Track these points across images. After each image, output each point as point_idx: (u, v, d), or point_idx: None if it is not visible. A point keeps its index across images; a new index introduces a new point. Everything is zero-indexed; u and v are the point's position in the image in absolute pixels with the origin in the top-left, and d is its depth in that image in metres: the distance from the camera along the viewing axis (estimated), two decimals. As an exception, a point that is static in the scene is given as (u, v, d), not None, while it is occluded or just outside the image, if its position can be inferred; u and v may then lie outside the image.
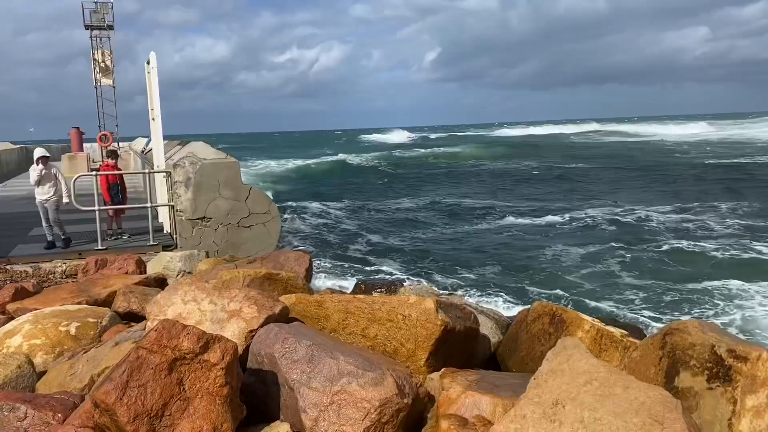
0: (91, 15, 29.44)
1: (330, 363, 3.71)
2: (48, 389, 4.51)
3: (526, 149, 68.99)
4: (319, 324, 4.82)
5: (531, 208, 27.32)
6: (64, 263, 9.53)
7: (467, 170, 47.95)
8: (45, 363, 5.20)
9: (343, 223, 25.51)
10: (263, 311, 4.54)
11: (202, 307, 4.69)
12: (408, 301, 4.56)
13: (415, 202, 30.73)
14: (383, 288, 7.50)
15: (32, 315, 5.94)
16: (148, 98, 11.71)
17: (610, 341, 4.55)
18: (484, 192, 34.18)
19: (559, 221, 23.75)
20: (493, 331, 5.52)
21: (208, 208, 10.48)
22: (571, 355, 3.35)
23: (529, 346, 5.02)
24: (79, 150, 28.95)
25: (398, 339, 4.44)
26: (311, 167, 53.65)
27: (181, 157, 10.83)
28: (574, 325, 4.77)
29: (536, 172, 44.42)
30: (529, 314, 5.21)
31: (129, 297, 6.45)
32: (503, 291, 14.81)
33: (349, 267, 16.96)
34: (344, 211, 29.36)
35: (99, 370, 4.41)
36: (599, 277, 15.61)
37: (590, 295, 14.04)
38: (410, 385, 3.67)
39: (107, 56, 30.21)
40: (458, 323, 4.59)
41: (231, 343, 3.54)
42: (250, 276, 6.01)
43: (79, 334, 5.60)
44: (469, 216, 26.21)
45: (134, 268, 8.27)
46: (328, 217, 26.58)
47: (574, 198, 30.12)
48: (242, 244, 10.74)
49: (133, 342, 4.63)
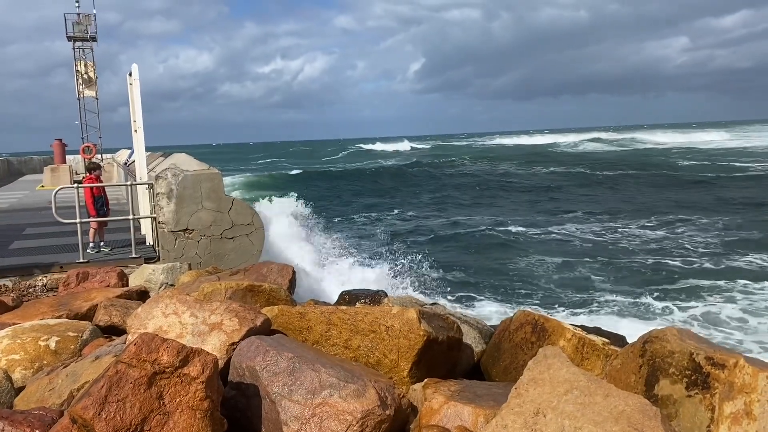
0: (73, 26, 29.31)
1: (312, 375, 3.69)
2: (26, 405, 4.44)
3: (536, 157, 68.62)
4: (301, 336, 4.80)
5: (545, 218, 27.14)
6: (45, 277, 9.42)
7: (464, 180, 47.70)
8: (24, 378, 5.12)
9: (339, 230, 25.53)
10: (244, 324, 4.51)
11: (183, 320, 4.65)
12: (391, 312, 4.55)
13: (428, 213, 30.51)
14: (367, 298, 7.48)
15: (11, 330, 5.86)
16: (131, 110, 11.65)
17: (592, 349, 4.58)
18: (490, 204, 34.02)
19: (565, 231, 23.65)
20: (477, 341, 5.53)
21: (191, 219, 10.42)
22: (551, 363, 3.36)
23: (512, 355, 5.03)
24: (62, 162, 28.72)
25: (381, 350, 4.43)
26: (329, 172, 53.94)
27: (164, 168, 10.78)
28: (556, 333, 4.79)
29: (555, 182, 43.31)
30: (512, 323, 5.22)
31: (110, 310, 6.39)
32: (489, 299, 14.87)
33: (338, 276, 16.94)
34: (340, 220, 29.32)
35: (78, 384, 4.36)
36: (583, 286, 15.73)
37: (577, 304, 14.13)
38: (393, 396, 3.67)
39: (90, 68, 30.06)
40: (441, 333, 4.60)
41: (211, 356, 3.51)
42: (232, 288, 5.98)
43: (59, 348, 5.53)
44: (462, 224, 26.27)
45: (116, 281, 8.19)
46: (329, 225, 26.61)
47: (597, 208, 29.77)
48: (225, 255, 10.69)
49: (113, 356, 4.58)
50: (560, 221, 25.75)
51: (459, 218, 28.24)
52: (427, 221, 27.96)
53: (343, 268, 16.95)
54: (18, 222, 15.32)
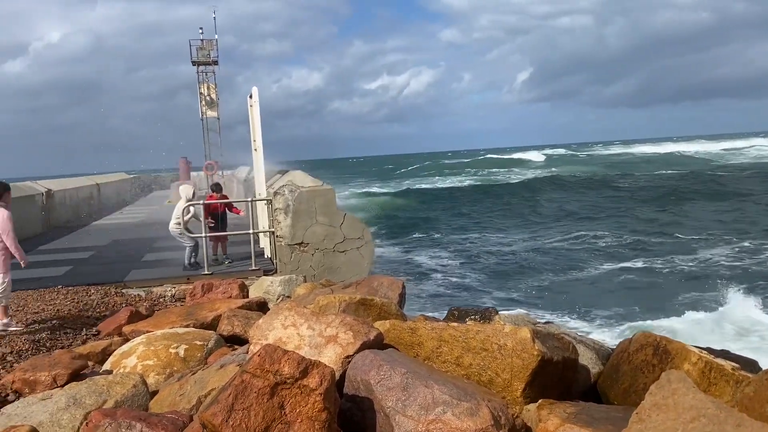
0: (197, 51, 31.29)
1: (425, 392, 3.73)
2: (159, 408, 4.79)
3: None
4: (412, 351, 4.85)
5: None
6: (173, 287, 10.12)
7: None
8: (157, 383, 5.53)
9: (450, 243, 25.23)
10: (359, 337, 4.63)
11: (301, 332, 4.85)
12: (503, 330, 4.51)
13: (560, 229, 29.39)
14: (477, 315, 7.42)
15: (145, 337, 6.35)
16: (251, 130, 12.29)
17: (720, 375, 4.30)
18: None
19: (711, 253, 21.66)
20: (593, 362, 5.35)
21: (306, 233, 10.83)
22: (676, 389, 3.20)
23: (632, 377, 4.82)
24: (187, 179, 30.68)
25: (493, 369, 4.40)
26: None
27: (281, 185, 11.28)
28: (679, 356, 4.55)
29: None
30: (631, 344, 5.01)
31: (233, 320, 6.77)
32: (605, 320, 14.25)
33: (443, 292, 16.89)
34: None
35: (206, 391, 4.65)
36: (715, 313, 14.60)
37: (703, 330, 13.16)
38: (506, 416, 3.63)
39: (212, 90, 31.94)
40: (556, 353, 4.50)
41: (329, 368, 3.65)
42: (346, 301, 6.14)
43: (187, 356, 5.93)
44: (583, 244, 25.09)
45: (237, 292, 8.65)
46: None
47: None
48: (337, 268, 11.00)
49: (236, 365, 4.85)
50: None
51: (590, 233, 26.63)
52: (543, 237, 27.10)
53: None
54: (149, 235, 16.55)
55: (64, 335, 7.38)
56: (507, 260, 22.21)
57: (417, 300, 16.67)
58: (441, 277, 20.13)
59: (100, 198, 28.58)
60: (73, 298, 9.15)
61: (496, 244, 26.13)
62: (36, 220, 18.71)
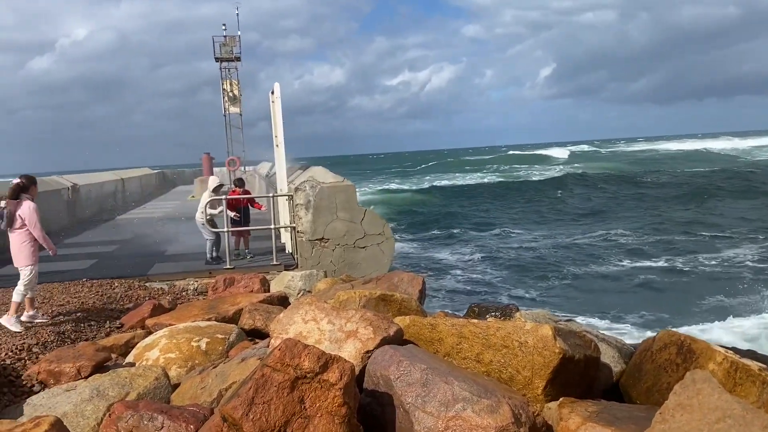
0: (220, 48, 31.48)
1: (444, 388, 3.72)
2: (181, 401, 4.84)
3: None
4: (432, 347, 4.84)
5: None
6: (196, 281, 10.21)
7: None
8: (178, 376, 5.59)
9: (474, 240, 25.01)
10: (378, 332, 4.63)
11: (321, 326, 4.86)
12: (524, 327, 4.48)
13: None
14: (498, 312, 7.38)
15: (168, 330, 6.42)
16: (273, 126, 12.34)
17: (746, 375, 4.22)
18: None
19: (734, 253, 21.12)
20: (615, 360, 5.28)
21: (326, 229, 10.86)
22: (701, 389, 3.15)
23: (655, 376, 4.76)
24: (210, 174, 30.93)
25: (514, 366, 4.37)
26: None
27: (302, 181, 11.32)
28: (704, 356, 4.47)
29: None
30: (655, 343, 4.94)
31: (254, 315, 6.81)
32: (628, 320, 14.08)
33: (462, 288, 16.81)
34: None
35: (227, 384, 4.68)
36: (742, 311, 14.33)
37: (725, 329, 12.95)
38: (527, 414, 3.60)
39: (235, 86, 32.12)
40: (578, 351, 4.45)
41: (349, 363, 3.65)
42: (366, 297, 6.14)
43: (209, 349, 5.98)
44: (605, 242, 24.77)
45: (258, 287, 8.71)
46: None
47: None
48: (357, 264, 11.01)
49: (257, 358, 4.88)
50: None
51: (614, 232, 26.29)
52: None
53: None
54: (172, 230, 16.72)
55: (88, 327, 7.49)
56: (528, 258, 22.04)
57: (436, 296, 16.63)
58: (461, 273, 20.05)
59: (125, 193, 28.95)
60: (98, 290, 9.28)
61: (517, 242, 25.95)
62: (62, 213, 19.01)
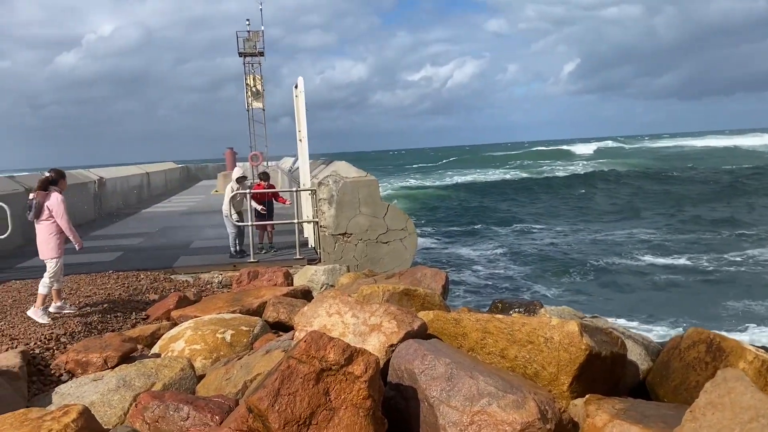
0: (244, 43, 31.66)
1: (469, 382, 3.70)
2: (206, 392, 4.88)
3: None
4: (456, 342, 4.82)
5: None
6: (220, 274, 10.29)
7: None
8: (204, 367, 5.64)
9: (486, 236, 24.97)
10: (402, 326, 4.62)
11: (345, 320, 4.86)
12: (550, 323, 4.43)
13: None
14: (522, 308, 7.32)
15: (193, 322, 6.48)
16: (296, 120, 12.37)
17: (779, 375, 4.14)
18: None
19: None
20: (642, 358, 5.22)
21: (349, 224, 10.87)
22: (733, 387, 3.09)
23: (683, 374, 4.68)
24: (233, 169, 31.15)
25: (539, 362, 4.33)
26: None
27: (326, 175, 11.34)
28: (734, 354, 4.39)
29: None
30: (683, 341, 4.86)
31: (278, 307, 6.85)
32: (653, 317, 13.90)
33: (485, 284, 16.73)
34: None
35: (251, 376, 4.71)
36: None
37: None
38: (553, 410, 3.57)
39: (258, 81, 32.30)
40: (604, 348, 4.40)
41: (373, 356, 3.64)
42: (389, 291, 6.13)
43: (234, 341, 6.02)
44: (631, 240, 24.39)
45: (282, 280, 8.75)
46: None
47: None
48: (380, 259, 11.01)
49: (282, 351, 4.90)
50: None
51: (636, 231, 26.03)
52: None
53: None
54: (197, 223, 16.88)
55: (115, 318, 7.59)
56: (551, 254, 21.87)
57: (459, 292, 16.58)
58: (484, 269, 19.97)
59: (150, 186, 29.29)
60: (124, 282, 9.39)
61: (540, 238, 25.76)
62: (88, 207, 19.29)
